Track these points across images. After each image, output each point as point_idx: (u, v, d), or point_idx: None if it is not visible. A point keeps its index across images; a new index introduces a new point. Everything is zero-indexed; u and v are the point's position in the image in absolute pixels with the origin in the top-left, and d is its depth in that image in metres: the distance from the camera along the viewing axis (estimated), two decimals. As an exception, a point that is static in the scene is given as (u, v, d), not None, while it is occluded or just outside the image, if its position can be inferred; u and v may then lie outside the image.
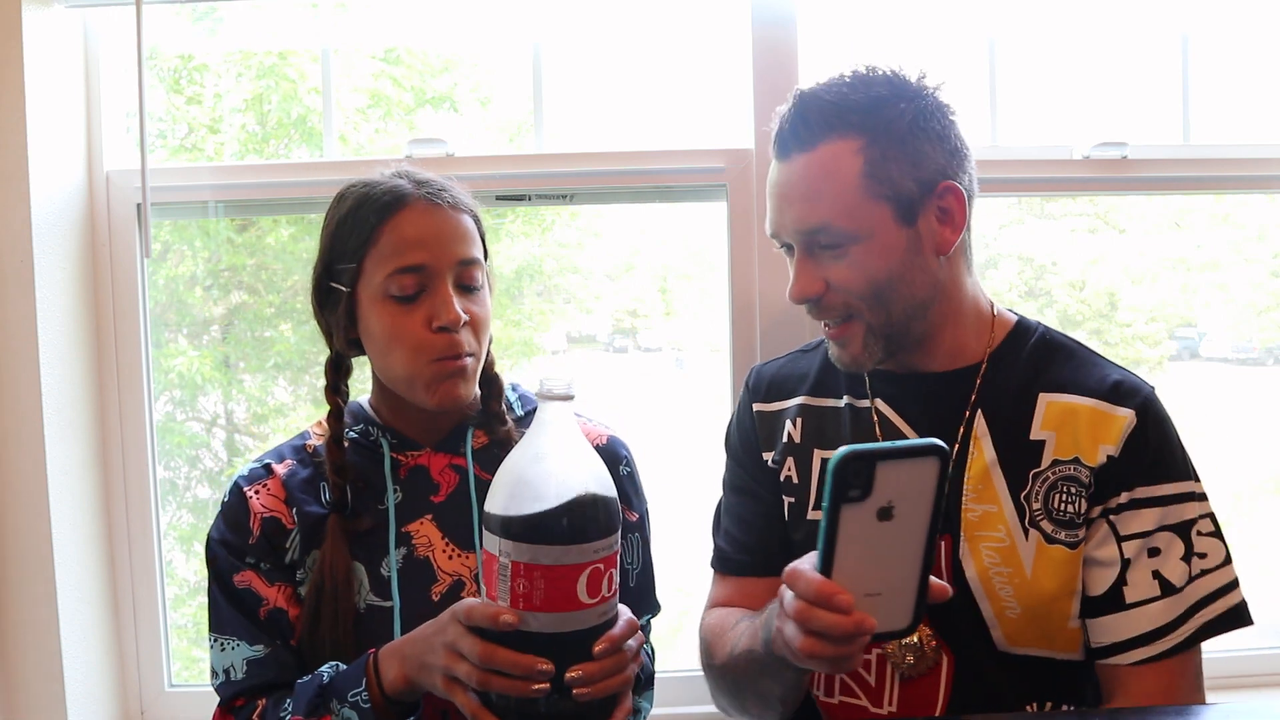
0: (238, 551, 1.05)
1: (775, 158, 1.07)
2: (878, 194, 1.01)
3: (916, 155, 1.01)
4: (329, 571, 1.02)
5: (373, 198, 1.03)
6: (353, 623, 1.02)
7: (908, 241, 1.02)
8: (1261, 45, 1.78)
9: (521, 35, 1.70)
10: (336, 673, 0.96)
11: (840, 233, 1.01)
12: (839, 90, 1.03)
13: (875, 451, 0.73)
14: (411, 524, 1.07)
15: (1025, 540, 1.02)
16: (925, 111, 1.03)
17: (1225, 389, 2.23)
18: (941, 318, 1.08)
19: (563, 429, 0.84)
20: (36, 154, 1.49)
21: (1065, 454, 1.03)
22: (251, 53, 1.89)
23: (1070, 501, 1.02)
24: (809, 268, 1.05)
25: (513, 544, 0.80)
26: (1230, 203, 2.12)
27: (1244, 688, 1.67)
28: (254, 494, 1.07)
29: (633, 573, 1.13)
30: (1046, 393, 1.06)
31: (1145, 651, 0.99)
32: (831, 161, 1.01)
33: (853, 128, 1.01)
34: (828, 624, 0.76)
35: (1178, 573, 1.00)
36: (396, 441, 1.09)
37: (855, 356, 1.07)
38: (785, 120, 1.05)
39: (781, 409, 1.19)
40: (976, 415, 1.07)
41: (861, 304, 1.04)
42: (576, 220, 2.23)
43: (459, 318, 1.00)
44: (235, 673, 1.03)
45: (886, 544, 0.75)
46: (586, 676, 0.81)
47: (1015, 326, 1.13)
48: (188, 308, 1.96)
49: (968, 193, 1.05)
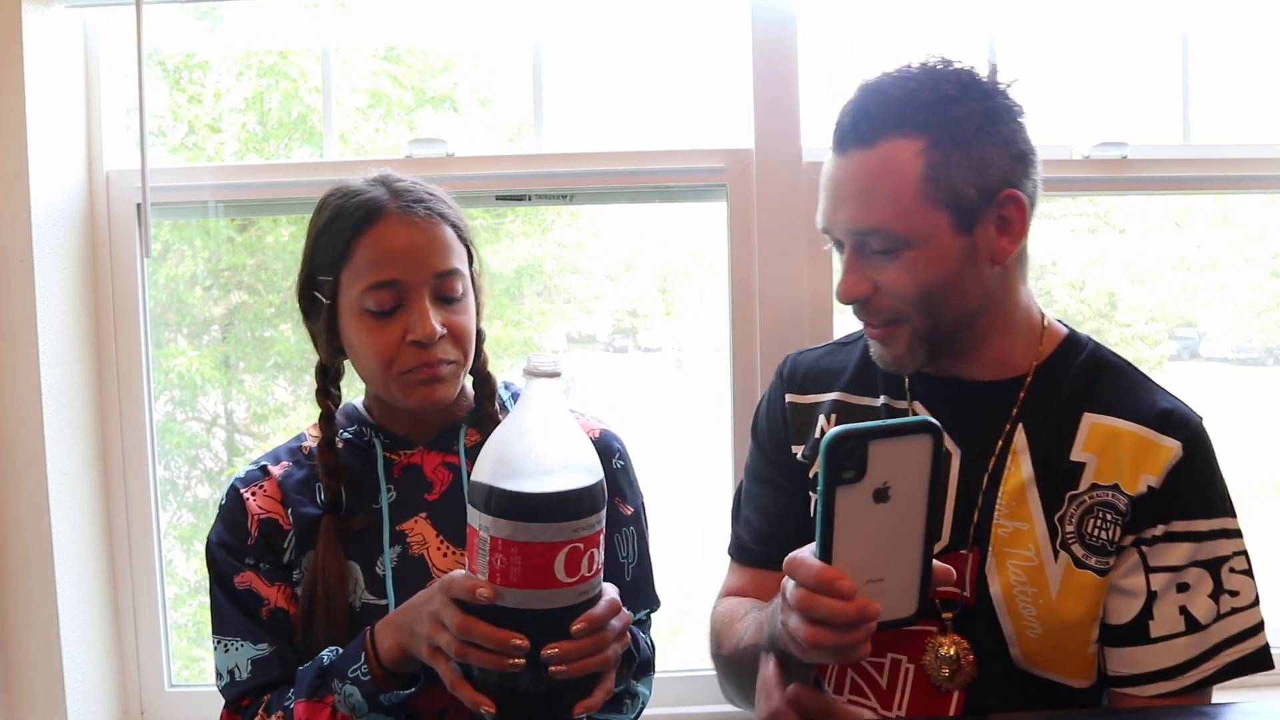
0: (237, 553, 1.06)
1: (833, 151, 1.02)
2: (937, 199, 0.96)
3: (981, 161, 0.97)
4: (321, 573, 1.03)
5: (347, 211, 1.02)
6: (347, 622, 1.02)
7: (963, 250, 0.98)
8: (1261, 45, 1.78)
9: (521, 35, 1.70)
10: (336, 655, 0.97)
11: (894, 237, 0.97)
12: (905, 85, 0.98)
13: (868, 430, 0.72)
14: (406, 522, 1.07)
15: (1054, 562, 1.00)
16: (994, 114, 0.98)
17: (1225, 389, 2.23)
18: (990, 327, 1.04)
19: (547, 406, 0.83)
20: (36, 154, 1.49)
21: (1105, 479, 1.00)
22: (252, 52, 1.89)
23: (1105, 528, 0.99)
24: (858, 268, 1.01)
25: (491, 519, 0.79)
26: (1230, 203, 2.12)
27: (1244, 687, 1.67)
28: (250, 496, 1.08)
29: (628, 566, 1.12)
30: (1092, 413, 1.03)
31: (1165, 686, 0.98)
32: (891, 161, 0.96)
33: (916, 127, 0.96)
34: (831, 610, 0.75)
35: (1204, 610, 0.98)
36: (389, 441, 1.10)
37: (898, 359, 1.04)
38: (846, 113, 1.00)
39: (816, 402, 1.15)
40: (1017, 429, 1.03)
41: (910, 309, 1.00)
42: (576, 220, 2.23)
43: (434, 333, 1.00)
44: (240, 673, 1.03)
45: (885, 527, 0.74)
46: (563, 655, 0.80)
47: (1065, 340, 1.09)
48: (188, 308, 1.96)
49: (1030, 200, 1.00)
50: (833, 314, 1.58)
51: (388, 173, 1.07)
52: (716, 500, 1.24)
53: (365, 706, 0.93)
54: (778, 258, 1.56)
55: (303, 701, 0.95)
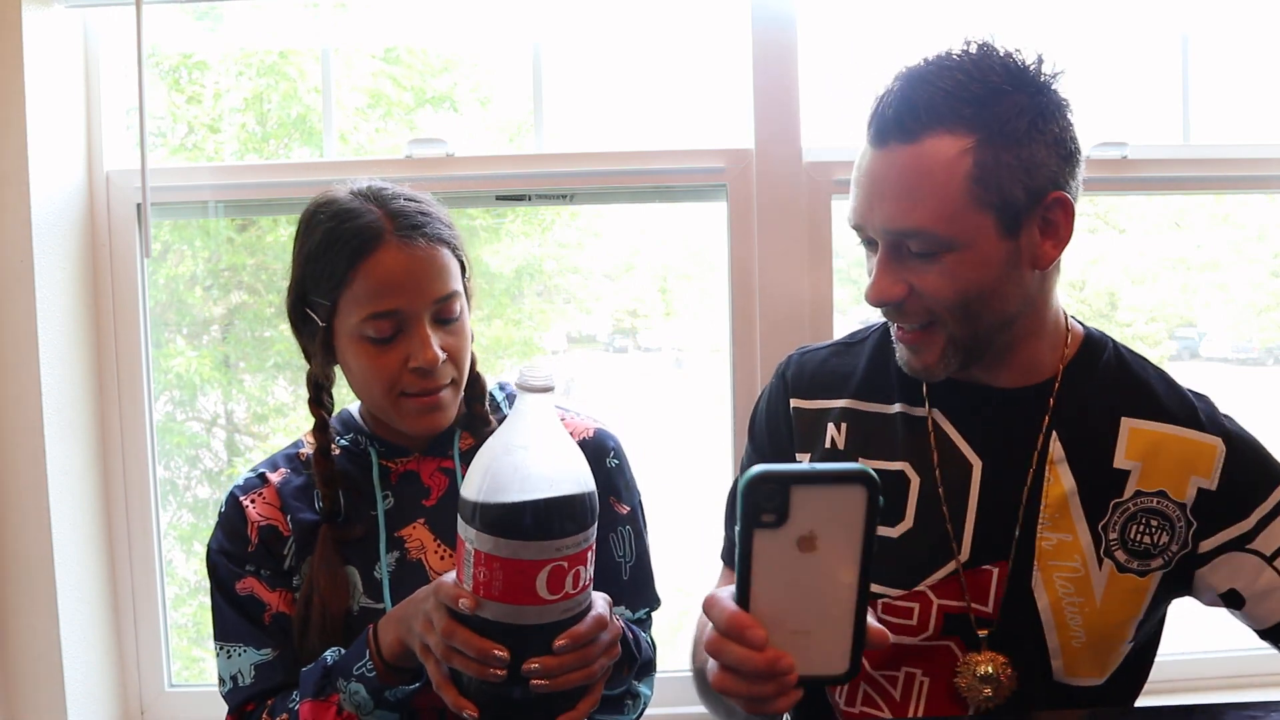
0: (238, 560, 1.06)
1: (870, 144, 0.94)
2: (983, 201, 0.90)
3: (1031, 161, 0.91)
4: (318, 580, 1.03)
5: (343, 238, 0.99)
6: (344, 627, 1.02)
7: (1007, 254, 0.93)
8: (1261, 45, 1.78)
9: (521, 35, 1.70)
10: (339, 654, 0.97)
11: (936, 239, 0.91)
12: (953, 75, 0.91)
13: (790, 474, 0.67)
14: (404, 528, 1.07)
15: (1099, 569, 0.98)
16: (1045, 111, 0.92)
17: (1225, 389, 2.23)
18: (1024, 332, 1.00)
19: (537, 422, 0.82)
20: (36, 154, 1.49)
21: (1150, 486, 0.98)
22: (251, 52, 1.88)
23: (1148, 533, 0.97)
24: (892, 269, 0.95)
25: (475, 533, 0.79)
26: (1230, 203, 2.12)
27: (1244, 687, 1.68)
28: (250, 503, 1.08)
29: (625, 565, 1.12)
30: (1131, 418, 1.00)
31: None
32: (936, 159, 0.90)
33: (964, 122, 0.89)
34: (738, 658, 0.70)
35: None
36: (385, 449, 1.10)
37: (929, 366, 0.98)
38: (889, 103, 0.92)
39: (824, 409, 1.09)
40: (1052, 439, 1.00)
41: (947, 314, 0.94)
42: (576, 220, 2.23)
43: (436, 358, 1.00)
44: (243, 679, 1.03)
45: (811, 578, 0.69)
46: (544, 670, 0.80)
47: (1085, 340, 1.06)
48: (188, 308, 1.96)
49: (1075, 202, 0.95)
50: (833, 314, 1.58)
51: (378, 186, 1.04)
52: (716, 500, 1.23)
53: (370, 703, 0.93)
54: (778, 258, 1.56)
55: (308, 702, 0.96)
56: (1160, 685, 1.68)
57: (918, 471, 1.03)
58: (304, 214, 1.05)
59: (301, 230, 1.05)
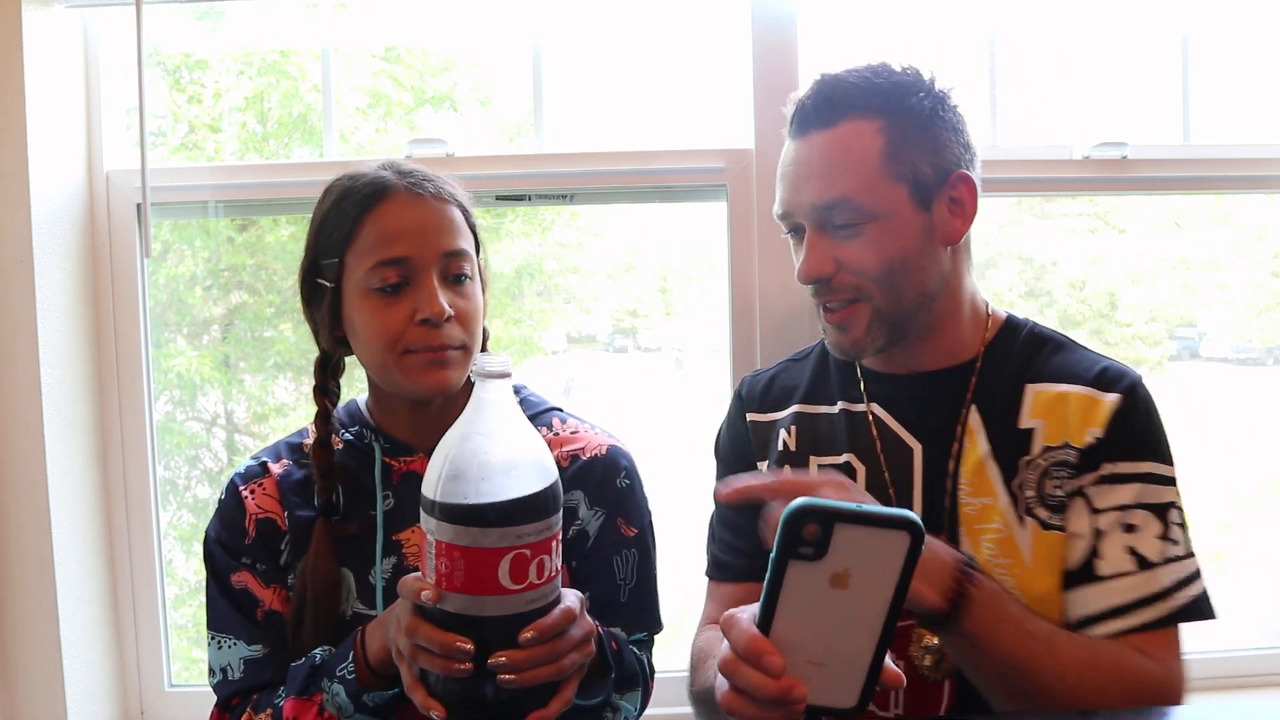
0: (234, 551, 1.05)
1: (792, 137, 1.07)
2: (897, 174, 1.01)
3: (935, 142, 1.03)
4: (311, 578, 1.01)
5: (354, 190, 1.01)
6: (337, 630, 1.01)
7: (922, 226, 1.03)
8: (1261, 45, 1.78)
9: (521, 35, 1.70)
10: (328, 654, 0.96)
11: (858, 209, 1.01)
12: (861, 74, 1.04)
13: (836, 511, 0.66)
14: (403, 531, 1.05)
15: (1021, 527, 1.02)
16: (943, 103, 1.05)
17: (1225, 389, 2.23)
18: (944, 312, 1.08)
19: (495, 409, 0.81)
20: (36, 154, 1.49)
21: (1055, 440, 1.03)
22: (252, 51, 1.88)
23: (1061, 485, 1.01)
24: (821, 246, 1.04)
25: (436, 523, 0.78)
26: (1230, 203, 2.12)
27: (1244, 688, 1.67)
28: (249, 494, 1.06)
29: (625, 588, 1.09)
30: (1034, 383, 1.06)
31: (1118, 624, 0.97)
32: (853, 138, 1.02)
33: (874, 109, 1.02)
34: (752, 683, 0.70)
35: (1153, 550, 0.99)
36: (389, 446, 1.08)
37: (856, 341, 1.06)
38: (806, 99, 1.05)
39: (776, 418, 1.18)
40: (970, 410, 1.07)
41: (873, 285, 1.03)
42: (576, 220, 2.23)
43: (443, 311, 0.98)
44: (233, 672, 1.03)
45: (838, 613, 0.68)
46: (511, 663, 0.78)
47: (1005, 323, 1.13)
48: (188, 308, 1.96)
49: (978, 183, 1.06)
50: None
51: (395, 160, 1.06)
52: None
53: (350, 707, 0.92)
54: (778, 258, 1.56)
55: (292, 699, 0.95)
56: (1160, 685, 1.67)
57: (863, 461, 1.11)
58: (322, 192, 1.06)
59: (318, 202, 1.06)
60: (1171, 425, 1.06)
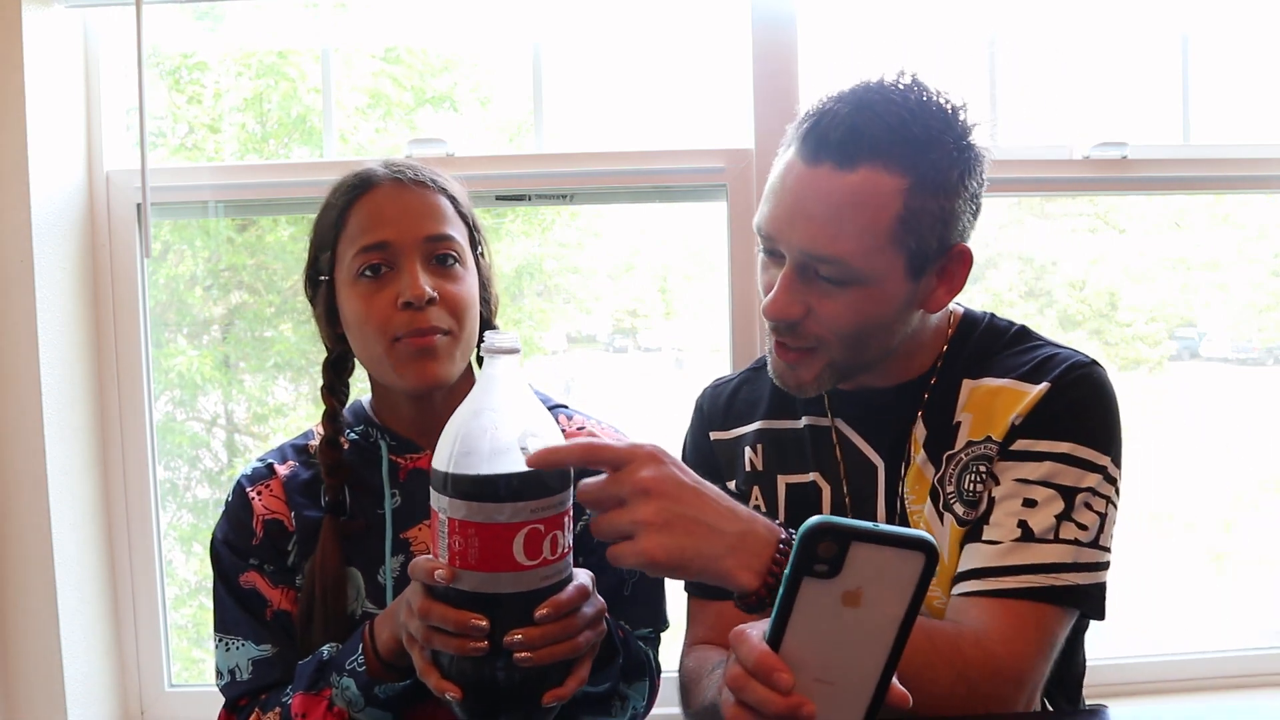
0: (241, 552, 1.05)
1: (801, 158, 0.94)
2: (902, 243, 0.92)
3: (951, 214, 0.94)
4: (320, 577, 1.02)
5: (343, 184, 1.04)
6: (346, 629, 1.01)
7: (907, 294, 0.96)
8: (1261, 45, 1.78)
9: (521, 35, 1.70)
10: (336, 649, 0.96)
11: (850, 271, 0.93)
12: (898, 113, 0.91)
13: (853, 530, 0.66)
14: (411, 529, 1.06)
15: (941, 525, 0.98)
16: (970, 166, 0.94)
17: (1225, 389, 2.23)
18: (905, 349, 1.03)
19: (505, 384, 0.80)
20: (36, 154, 1.49)
21: (978, 434, 0.98)
22: (251, 52, 1.89)
23: (979, 480, 0.97)
24: (795, 289, 0.96)
25: (448, 500, 0.77)
26: (1230, 202, 2.12)
27: (1244, 688, 1.67)
28: (256, 495, 1.07)
29: (629, 582, 1.09)
30: (970, 379, 1.01)
31: (978, 584, 0.92)
32: (871, 193, 0.91)
33: (901, 165, 0.91)
34: (760, 699, 0.69)
35: (1043, 525, 0.92)
36: (395, 444, 1.08)
37: (802, 384, 1.01)
38: (831, 123, 0.92)
39: (739, 435, 1.13)
40: (918, 421, 1.02)
41: (837, 343, 0.97)
42: (576, 220, 2.23)
43: (424, 293, 0.98)
44: (241, 673, 1.02)
45: (848, 632, 0.68)
46: (527, 641, 0.77)
47: (961, 323, 1.07)
48: (188, 307, 1.96)
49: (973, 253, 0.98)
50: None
51: (394, 158, 1.07)
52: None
53: (361, 700, 0.92)
54: (778, 258, 1.56)
55: (300, 695, 0.95)
56: (1160, 685, 1.68)
57: (827, 480, 1.06)
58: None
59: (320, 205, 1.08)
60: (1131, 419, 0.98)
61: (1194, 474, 2.13)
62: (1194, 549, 2.12)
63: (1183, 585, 2.12)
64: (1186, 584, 2.13)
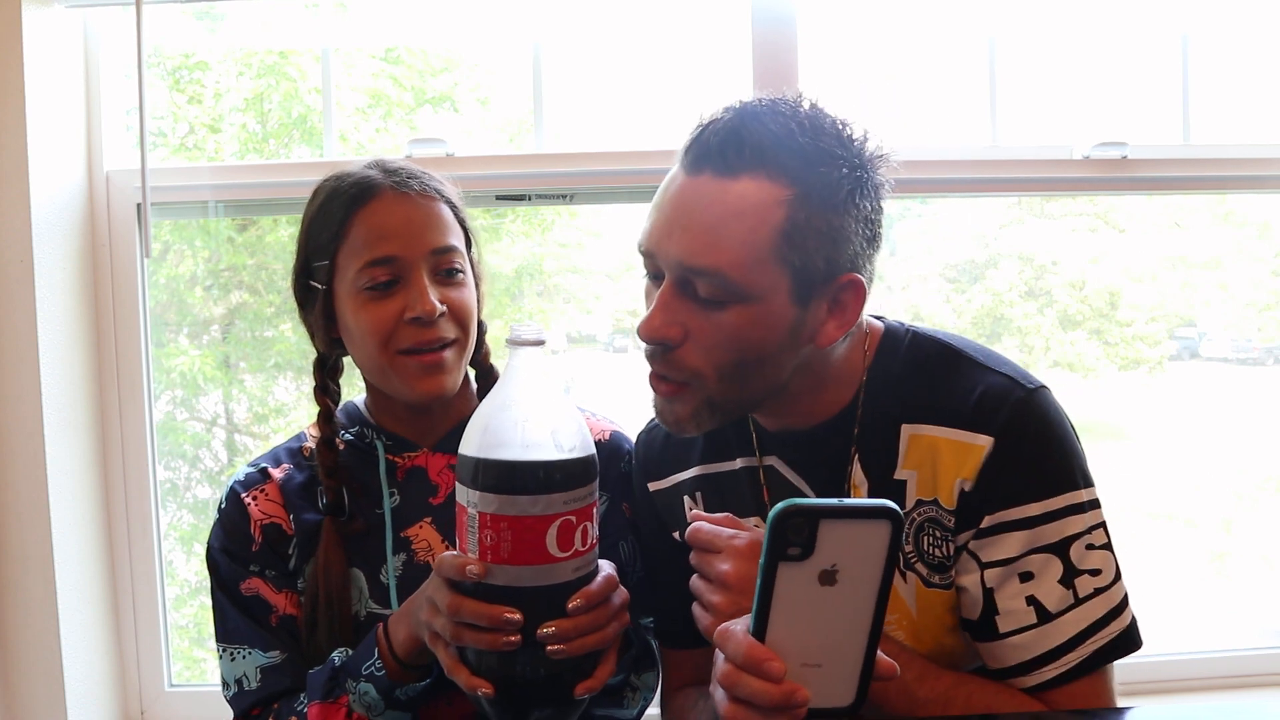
0: (241, 559, 1.04)
1: (683, 168, 0.90)
2: (785, 259, 0.86)
3: (840, 233, 0.87)
4: (324, 579, 1.01)
5: (341, 191, 1.01)
6: (352, 631, 1.00)
7: (792, 321, 0.89)
8: (1261, 45, 1.78)
9: (521, 35, 1.70)
10: (347, 655, 0.95)
11: (729, 286, 0.86)
12: (786, 123, 0.87)
13: (819, 508, 0.67)
14: (410, 528, 1.05)
15: (904, 583, 0.95)
16: (864, 188, 0.88)
17: (1225, 389, 2.23)
18: (806, 386, 0.95)
19: (532, 376, 0.80)
20: (36, 154, 1.49)
21: (926, 494, 0.93)
22: (252, 52, 1.89)
23: (937, 545, 0.93)
24: (673, 307, 0.89)
25: (479, 494, 0.77)
26: (1230, 201, 2.12)
27: (1244, 688, 1.67)
28: (252, 500, 1.05)
29: (631, 573, 1.10)
30: (909, 423, 0.95)
31: (1025, 681, 0.91)
32: (750, 202, 0.85)
33: (786, 174, 0.85)
34: (755, 691, 0.69)
35: (1056, 598, 0.90)
36: (392, 443, 1.07)
37: (680, 421, 0.94)
38: (714, 131, 0.88)
39: (678, 483, 1.08)
40: (854, 464, 0.96)
41: (713, 376, 0.90)
42: (576, 220, 2.23)
43: (434, 309, 0.98)
44: (249, 682, 1.00)
45: (829, 611, 0.69)
46: (560, 633, 0.77)
47: (882, 341, 1.00)
48: (188, 307, 1.96)
49: (868, 288, 0.91)
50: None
51: (382, 158, 1.05)
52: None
53: (381, 704, 0.91)
54: (778, 258, 1.56)
55: (317, 704, 0.93)
56: (1160, 685, 1.68)
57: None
58: (313, 191, 1.06)
59: (307, 204, 1.05)
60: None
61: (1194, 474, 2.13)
62: (1194, 548, 2.12)
63: (1183, 585, 2.12)
64: (1186, 584, 2.13)
